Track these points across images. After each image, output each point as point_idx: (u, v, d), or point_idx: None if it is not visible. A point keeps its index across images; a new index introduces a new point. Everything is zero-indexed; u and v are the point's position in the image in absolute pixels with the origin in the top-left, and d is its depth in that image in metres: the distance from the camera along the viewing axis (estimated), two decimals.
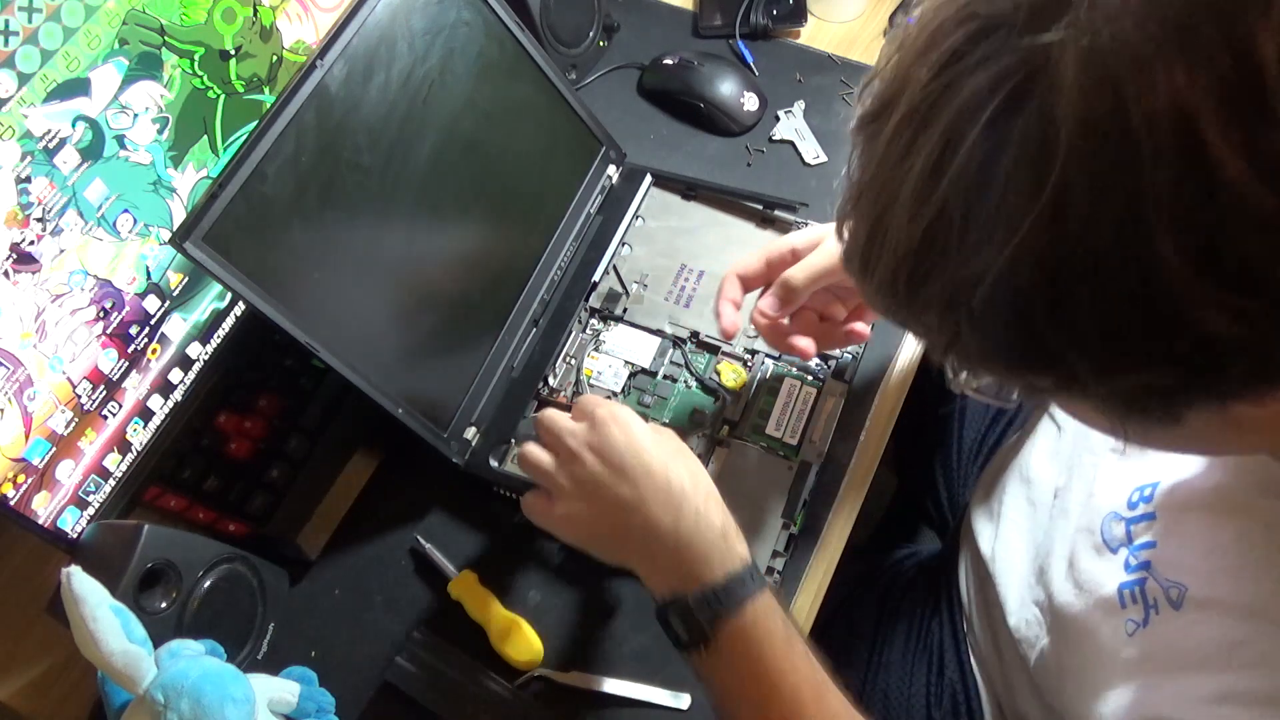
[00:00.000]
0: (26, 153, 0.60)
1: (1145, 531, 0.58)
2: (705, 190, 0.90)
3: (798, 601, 0.73)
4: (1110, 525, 0.61)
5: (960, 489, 0.97)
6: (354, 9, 0.68)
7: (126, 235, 0.68)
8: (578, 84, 1.01)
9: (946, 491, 0.99)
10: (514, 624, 0.72)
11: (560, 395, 0.81)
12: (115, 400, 0.70)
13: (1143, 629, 0.55)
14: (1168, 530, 0.56)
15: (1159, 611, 0.54)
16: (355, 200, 0.70)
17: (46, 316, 0.64)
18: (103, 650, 0.55)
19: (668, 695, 0.70)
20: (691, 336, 0.83)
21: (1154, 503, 0.58)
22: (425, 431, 0.74)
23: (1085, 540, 0.63)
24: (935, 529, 1.03)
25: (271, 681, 0.67)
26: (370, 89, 0.69)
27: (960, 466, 0.97)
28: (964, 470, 0.97)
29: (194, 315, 0.75)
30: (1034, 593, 0.69)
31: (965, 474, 0.96)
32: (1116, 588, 0.58)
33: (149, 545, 0.64)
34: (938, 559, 0.93)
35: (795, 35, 1.06)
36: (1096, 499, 0.63)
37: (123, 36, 0.64)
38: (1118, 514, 0.60)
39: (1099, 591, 0.59)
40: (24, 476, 0.65)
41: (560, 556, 0.76)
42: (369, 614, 0.75)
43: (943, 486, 0.99)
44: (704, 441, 0.78)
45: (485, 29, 0.77)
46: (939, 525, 1.01)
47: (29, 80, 0.59)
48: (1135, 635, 0.55)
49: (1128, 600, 0.57)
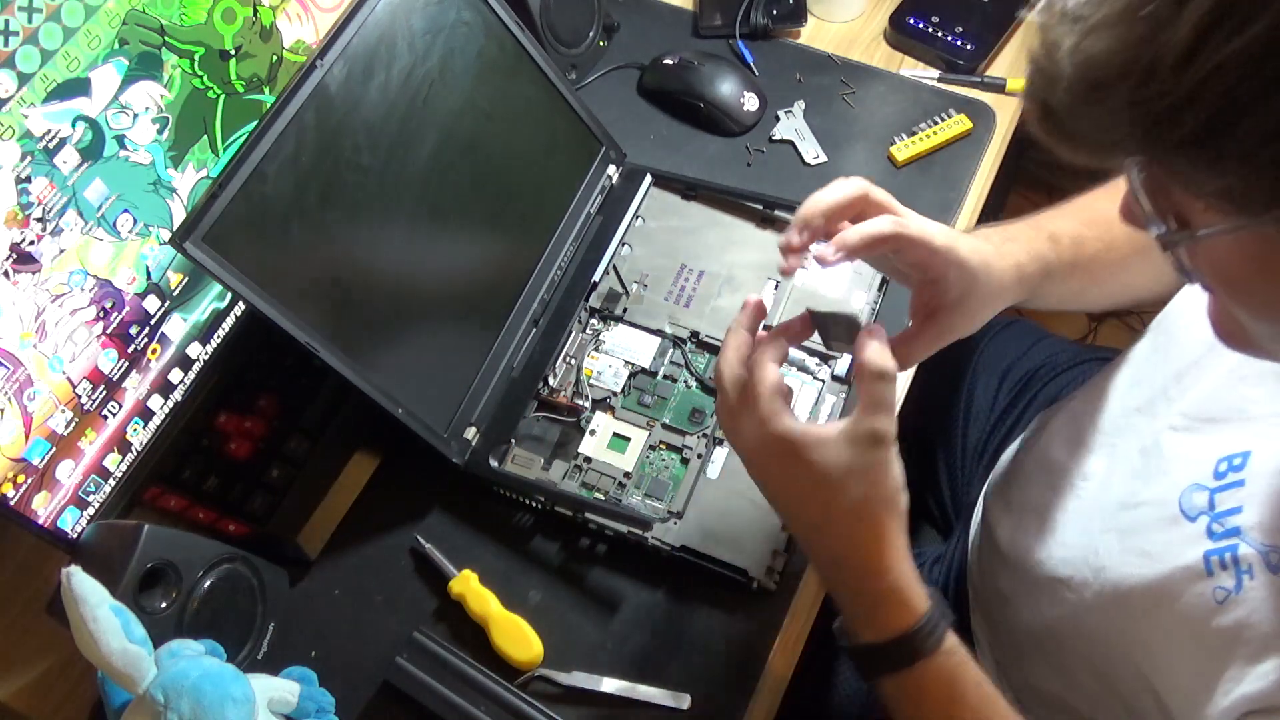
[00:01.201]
0: (26, 153, 0.60)
1: (1230, 498, 0.57)
2: (705, 190, 0.90)
3: (797, 601, 0.73)
4: (1191, 495, 0.60)
5: (964, 489, 0.96)
6: (354, 9, 0.68)
7: (126, 235, 0.68)
8: (578, 84, 1.01)
9: (950, 491, 0.99)
10: (514, 624, 0.72)
11: (560, 395, 0.81)
12: (115, 400, 0.70)
13: (1235, 594, 0.54)
14: (1262, 495, 0.56)
15: (1254, 576, 0.54)
16: (355, 200, 0.70)
17: (46, 316, 0.64)
18: (103, 650, 0.55)
19: (668, 695, 0.70)
20: (691, 336, 0.83)
21: (1245, 470, 0.58)
22: (425, 431, 0.74)
23: (1152, 513, 0.62)
24: (937, 528, 1.03)
25: (271, 681, 0.67)
26: (370, 89, 0.70)
27: (964, 466, 0.97)
28: (968, 470, 0.96)
29: (194, 315, 0.75)
30: (1075, 572, 0.68)
31: (969, 474, 0.96)
32: (1201, 555, 0.57)
33: (149, 545, 0.64)
34: (946, 557, 0.92)
35: (795, 35, 1.06)
36: (1172, 474, 0.63)
37: (123, 36, 0.64)
38: (1199, 484, 0.60)
39: (1178, 560, 0.58)
40: (24, 476, 0.65)
41: (561, 557, 0.76)
42: (369, 614, 0.75)
43: (946, 486, 0.99)
44: (704, 441, 0.78)
45: (485, 29, 0.77)
46: (942, 525, 1.01)
47: (29, 80, 0.59)
48: (1227, 602, 0.55)
49: (1215, 567, 0.56)
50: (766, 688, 0.71)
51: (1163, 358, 0.69)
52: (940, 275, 0.61)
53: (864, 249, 0.59)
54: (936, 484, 1.00)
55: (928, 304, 0.63)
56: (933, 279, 0.61)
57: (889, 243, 0.59)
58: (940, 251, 0.60)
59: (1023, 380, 0.97)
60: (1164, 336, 0.70)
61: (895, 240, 0.59)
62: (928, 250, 0.60)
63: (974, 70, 1.02)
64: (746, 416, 0.58)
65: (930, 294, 0.63)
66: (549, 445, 0.79)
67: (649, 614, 0.74)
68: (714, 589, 0.73)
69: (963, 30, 1.03)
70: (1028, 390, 0.96)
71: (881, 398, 0.56)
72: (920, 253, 0.60)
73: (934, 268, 0.60)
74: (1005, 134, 0.98)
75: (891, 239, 0.59)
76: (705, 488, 0.76)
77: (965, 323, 0.63)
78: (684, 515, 0.75)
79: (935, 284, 0.62)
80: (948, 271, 0.60)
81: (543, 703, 0.69)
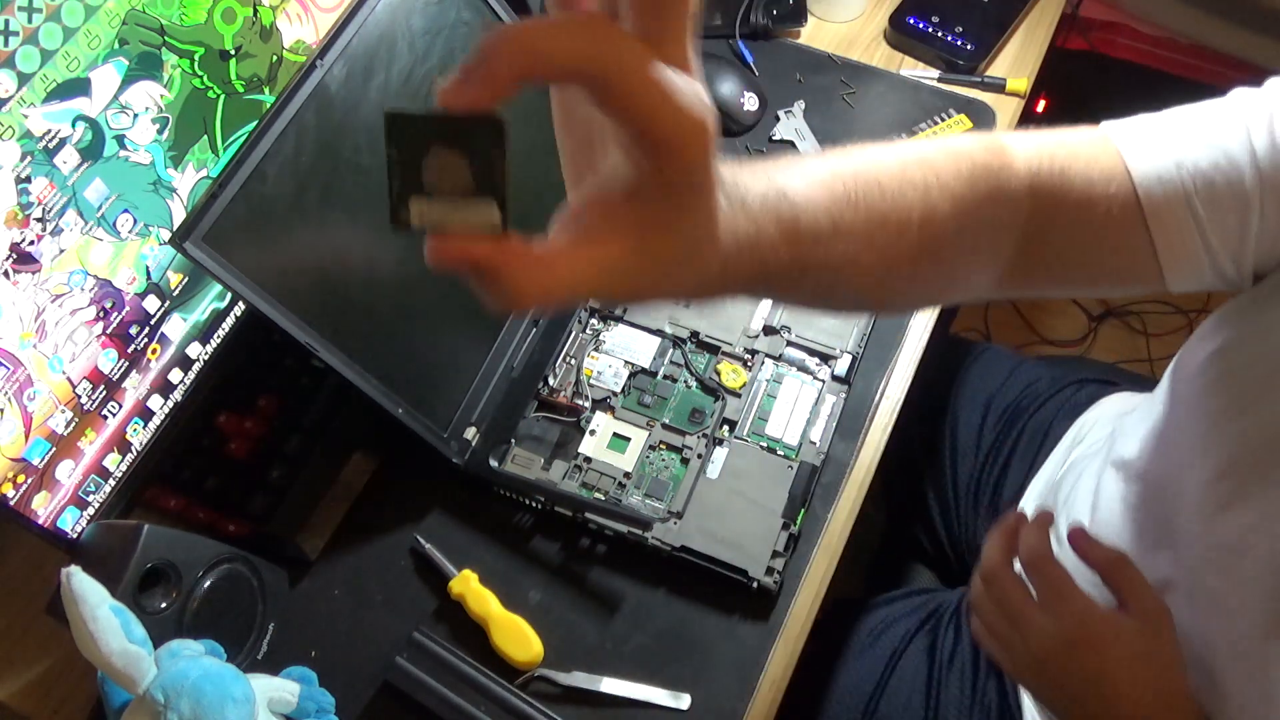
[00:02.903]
0: (26, 153, 0.60)
1: None
2: None
3: (797, 601, 0.73)
4: None
5: (961, 528, 0.96)
6: (354, 9, 0.68)
7: (126, 235, 0.68)
8: None
9: (945, 532, 0.98)
10: (514, 624, 0.72)
11: (560, 395, 0.81)
12: (115, 400, 0.70)
13: None
14: None
15: None
16: (355, 200, 0.70)
17: (46, 316, 0.64)
18: (103, 650, 0.55)
19: (668, 695, 0.70)
20: (691, 336, 0.83)
21: None
22: (425, 431, 0.74)
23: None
24: (932, 566, 1.01)
25: (271, 681, 0.67)
26: (370, 89, 0.70)
27: (959, 505, 0.96)
28: (964, 510, 0.96)
29: (194, 315, 0.75)
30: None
31: (966, 514, 0.96)
32: None
33: (149, 545, 0.64)
34: (954, 603, 0.90)
35: (795, 35, 1.06)
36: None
37: (123, 36, 0.64)
38: None
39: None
40: (24, 476, 0.65)
41: (561, 557, 0.76)
42: (369, 614, 0.75)
43: (941, 527, 0.98)
44: (704, 441, 0.78)
45: (485, 29, 0.77)
46: (940, 565, 1.00)
47: (29, 80, 0.59)
48: None
49: None
50: (766, 688, 0.71)
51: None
52: (668, 146, 0.31)
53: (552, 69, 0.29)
54: (928, 518, 0.99)
55: (614, 192, 0.34)
56: (653, 149, 0.31)
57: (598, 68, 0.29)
58: (687, 113, 0.30)
59: (1007, 414, 0.97)
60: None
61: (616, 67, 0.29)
62: (669, 102, 0.30)
63: (974, 70, 1.02)
64: (1042, 614, 0.61)
65: (633, 175, 0.33)
66: (549, 445, 0.79)
67: (649, 614, 0.74)
68: (714, 589, 0.73)
69: (963, 30, 1.03)
70: (1014, 425, 0.95)
71: (1140, 577, 0.60)
72: (652, 99, 0.30)
73: (664, 130, 0.31)
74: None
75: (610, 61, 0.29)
76: (705, 488, 0.76)
77: (666, 247, 0.34)
78: (684, 515, 0.75)
79: (653, 158, 0.32)
80: (685, 152, 0.31)
81: (543, 703, 0.69)
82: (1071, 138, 0.53)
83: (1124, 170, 0.51)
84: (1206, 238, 0.51)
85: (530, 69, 0.29)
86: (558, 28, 0.29)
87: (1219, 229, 0.51)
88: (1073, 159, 0.52)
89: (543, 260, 0.32)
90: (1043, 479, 0.88)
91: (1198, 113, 0.53)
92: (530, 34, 0.28)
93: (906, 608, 0.90)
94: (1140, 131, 0.52)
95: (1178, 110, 0.53)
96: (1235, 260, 0.53)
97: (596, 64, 0.29)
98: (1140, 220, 0.51)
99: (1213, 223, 0.51)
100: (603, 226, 0.34)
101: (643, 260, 0.34)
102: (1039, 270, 0.54)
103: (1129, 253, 0.52)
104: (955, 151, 0.48)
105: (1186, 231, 0.51)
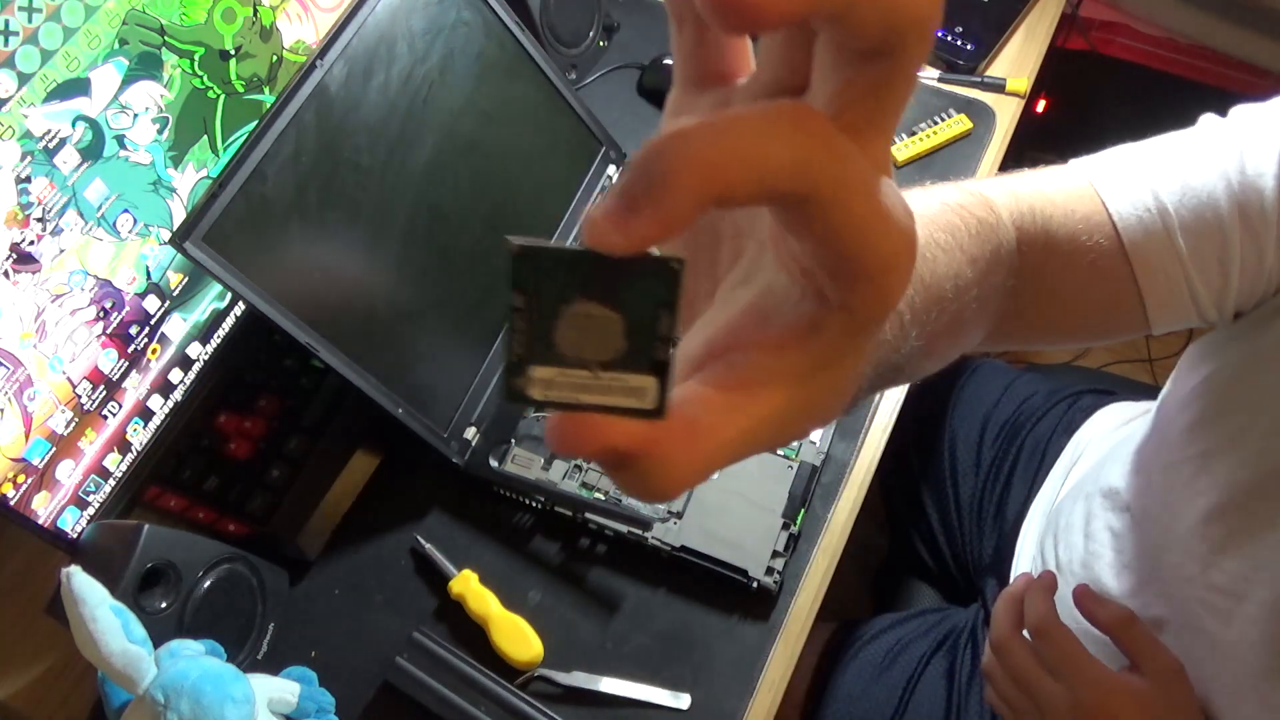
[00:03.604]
0: (26, 153, 0.60)
1: None
2: None
3: (797, 601, 0.73)
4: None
5: (966, 549, 0.95)
6: (354, 9, 0.68)
7: (126, 235, 0.68)
8: (577, 84, 1.01)
9: (950, 550, 0.97)
10: (514, 624, 0.72)
11: None
12: (115, 400, 0.70)
13: None
14: None
15: None
16: (355, 200, 0.70)
17: (46, 316, 0.64)
18: (103, 650, 0.55)
19: (668, 695, 0.70)
20: None
21: None
22: (425, 431, 0.74)
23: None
24: (936, 585, 1.01)
25: (271, 681, 0.67)
26: (370, 89, 0.70)
27: (962, 524, 0.96)
28: (967, 529, 0.95)
29: (194, 315, 0.75)
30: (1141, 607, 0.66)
31: (969, 533, 0.95)
32: None
33: (149, 545, 0.64)
34: (967, 624, 0.89)
35: None
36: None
37: (123, 36, 0.64)
38: None
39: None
40: (24, 476, 0.65)
41: (561, 556, 0.76)
42: (369, 614, 0.75)
43: (945, 545, 0.98)
44: None
45: (485, 29, 0.77)
46: (943, 583, 1.00)
47: (29, 80, 0.59)
48: None
49: None
50: (766, 688, 0.71)
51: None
52: (875, 277, 0.23)
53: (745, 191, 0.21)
54: (930, 536, 0.99)
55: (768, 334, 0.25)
56: (854, 281, 0.23)
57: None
58: (899, 236, 0.22)
59: (1005, 431, 0.96)
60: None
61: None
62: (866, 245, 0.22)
63: (974, 70, 1.02)
64: (1054, 682, 0.62)
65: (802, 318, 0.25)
66: None
67: (649, 614, 0.74)
68: (714, 589, 0.73)
69: (963, 30, 1.03)
70: (1013, 441, 0.95)
71: (1149, 634, 0.60)
72: (870, 224, 0.22)
73: (876, 260, 0.22)
74: (1005, 134, 0.98)
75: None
76: (705, 488, 0.76)
77: (825, 405, 0.27)
78: (684, 515, 0.75)
79: (851, 291, 0.23)
80: (890, 279, 0.23)
81: (543, 703, 0.69)
82: (1048, 185, 0.51)
83: (1105, 217, 0.50)
84: (1189, 277, 0.51)
85: (728, 191, 0.19)
86: (761, 130, 0.19)
87: (1201, 267, 0.51)
88: (1053, 208, 0.50)
89: (695, 430, 0.23)
90: (1044, 499, 0.88)
91: (1171, 148, 0.53)
92: (723, 139, 0.19)
93: (920, 628, 0.90)
94: (1116, 172, 0.52)
95: (1150, 145, 0.53)
96: (1218, 300, 0.53)
97: (807, 180, 0.20)
98: (1125, 266, 0.51)
99: (1195, 262, 0.51)
100: (762, 372, 0.24)
101: (807, 406, 0.25)
102: (1021, 327, 0.51)
103: (1114, 300, 0.52)
104: (956, 206, 0.41)
105: (1172, 272, 0.51)
